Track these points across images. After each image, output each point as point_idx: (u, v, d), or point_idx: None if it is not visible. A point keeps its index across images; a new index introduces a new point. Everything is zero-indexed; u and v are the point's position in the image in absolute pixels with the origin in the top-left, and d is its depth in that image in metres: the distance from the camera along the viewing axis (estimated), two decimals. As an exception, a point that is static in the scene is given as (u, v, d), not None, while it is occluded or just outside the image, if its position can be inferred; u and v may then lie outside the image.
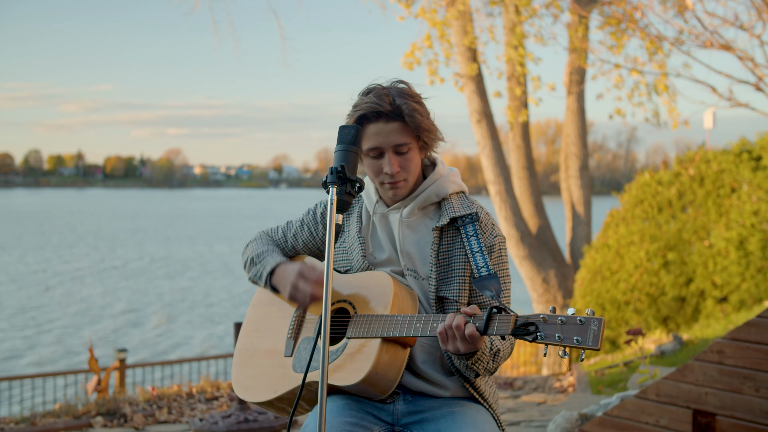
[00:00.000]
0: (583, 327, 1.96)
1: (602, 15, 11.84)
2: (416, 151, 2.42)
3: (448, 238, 2.43)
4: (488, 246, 2.41)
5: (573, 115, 13.35)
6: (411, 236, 2.46)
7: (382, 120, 2.36)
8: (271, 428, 5.70)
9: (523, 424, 5.87)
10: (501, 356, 2.33)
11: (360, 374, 2.27)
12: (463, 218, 2.42)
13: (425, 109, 2.42)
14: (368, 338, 2.31)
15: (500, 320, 2.08)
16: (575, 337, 1.96)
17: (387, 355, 2.29)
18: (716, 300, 10.14)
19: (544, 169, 79.33)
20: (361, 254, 2.49)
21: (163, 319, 23.99)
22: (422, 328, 2.23)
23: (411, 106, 2.36)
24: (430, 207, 2.48)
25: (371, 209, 2.53)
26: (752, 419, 3.44)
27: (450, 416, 2.34)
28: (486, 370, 2.31)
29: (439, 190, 2.46)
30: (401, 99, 2.36)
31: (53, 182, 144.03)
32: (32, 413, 6.33)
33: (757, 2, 8.85)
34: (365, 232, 2.54)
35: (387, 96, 2.37)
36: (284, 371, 2.49)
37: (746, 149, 10.60)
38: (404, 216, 2.46)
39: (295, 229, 2.69)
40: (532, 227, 12.90)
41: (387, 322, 2.29)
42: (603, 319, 1.97)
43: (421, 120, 2.37)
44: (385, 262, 2.48)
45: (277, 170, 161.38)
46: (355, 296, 2.43)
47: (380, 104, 2.35)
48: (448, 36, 11.92)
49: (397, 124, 2.36)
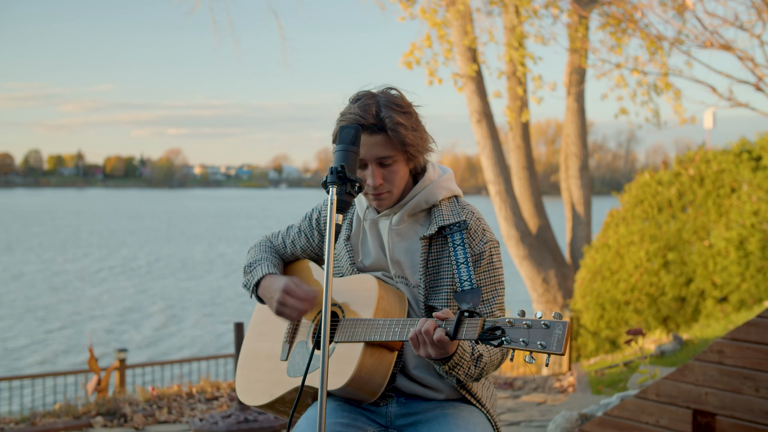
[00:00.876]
0: (548, 331, 1.91)
1: (602, 15, 11.84)
2: (401, 163, 2.38)
3: (437, 246, 2.40)
4: (477, 253, 2.36)
5: (573, 115, 13.36)
6: (400, 244, 2.43)
7: (365, 132, 2.32)
8: (271, 428, 5.70)
9: (523, 424, 5.87)
10: (486, 362, 2.28)
11: (344, 378, 2.28)
12: (451, 227, 2.38)
13: (413, 120, 2.36)
14: (353, 342, 2.31)
15: (469, 324, 2.05)
16: (539, 341, 1.91)
17: (371, 359, 2.28)
18: (716, 300, 10.14)
19: (544, 169, 79.34)
20: (349, 262, 2.48)
21: (163, 319, 24.00)
22: (400, 332, 2.22)
23: (395, 120, 2.31)
24: (420, 214, 2.45)
25: (362, 215, 2.51)
26: (752, 419, 3.44)
27: (443, 418, 2.33)
28: (468, 376, 2.27)
29: (429, 197, 2.42)
30: (387, 111, 2.32)
31: (53, 182, 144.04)
32: (32, 413, 6.32)
33: (757, 2, 8.85)
34: (355, 238, 2.52)
35: (373, 106, 2.33)
36: (279, 375, 2.52)
37: (746, 149, 10.61)
38: (393, 224, 2.44)
39: (293, 235, 2.70)
40: (532, 227, 12.90)
41: (370, 326, 2.28)
42: (568, 323, 1.91)
43: (405, 134, 2.31)
44: (375, 268, 2.47)
45: (277, 170, 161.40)
46: (344, 300, 2.43)
47: (363, 117, 2.31)
48: (448, 36, 11.92)
49: (381, 136, 2.32)
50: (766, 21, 8.85)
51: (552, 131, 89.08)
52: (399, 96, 2.38)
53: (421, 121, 2.41)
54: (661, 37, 10.63)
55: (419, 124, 2.39)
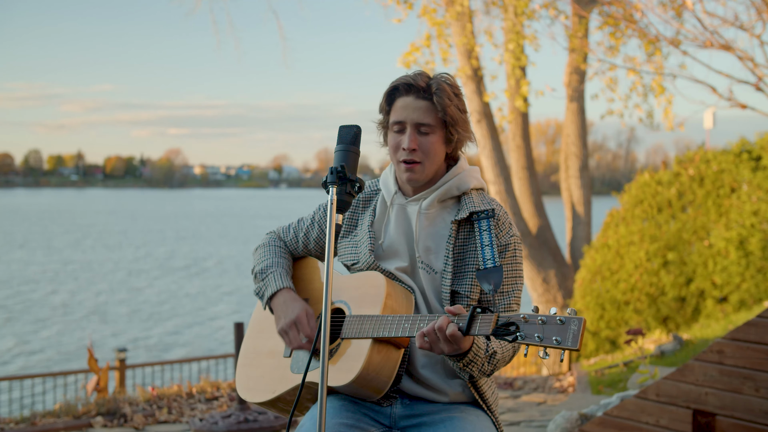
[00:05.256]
0: (563, 327, 1.91)
1: (602, 15, 11.85)
2: (439, 138, 2.39)
3: (464, 232, 2.40)
4: (503, 244, 2.38)
5: (573, 115, 13.36)
6: (429, 228, 2.43)
7: (412, 95, 2.36)
8: (271, 428, 5.70)
9: (523, 424, 5.87)
10: (499, 358, 2.28)
11: (351, 374, 2.27)
12: (479, 213, 2.39)
13: (461, 103, 2.40)
14: (360, 339, 2.30)
15: (482, 320, 2.05)
16: (554, 337, 1.91)
17: (379, 355, 2.28)
18: (716, 300, 10.14)
19: (544, 169, 79.28)
20: (369, 248, 2.45)
21: (163, 319, 24.00)
22: (409, 328, 2.21)
23: (444, 91, 2.34)
24: (449, 200, 2.45)
25: (389, 200, 2.49)
26: (752, 419, 3.44)
27: (449, 422, 2.31)
28: (481, 372, 2.27)
29: (461, 184, 2.43)
30: (438, 83, 2.36)
31: (53, 182, 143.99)
32: (32, 413, 6.32)
33: (757, 2, 8.85)
34: (378, 225, 2.50)
35: (426, 77, 2.38)
36: (282, 372, 2.51)
37: (746, 149, 10.61)
38: (423, 208, 2.43)
39: (307, 227, 2.66)
40: (532, 227, 12.90)
41: (378, 323, 2.28)
42: (583, 319, 1.91)
43: (448, 105, 2.34)
44: (393, 255, 2.45)
45: (277, 170, 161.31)
46: (351, 297, 2.42)
47: (414, 80, 2.36)
48: (447, 36, 11.92)
49: (426, 103, 2.36)
50: (766, 21, 8.85)
51: (552, 131, 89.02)
52: (453, 80, 2.42)
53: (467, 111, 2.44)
54: (660, 37, 10.63)
55: (467, 111, 2.43)
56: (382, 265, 2.43)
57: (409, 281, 2.42)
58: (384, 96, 2.44)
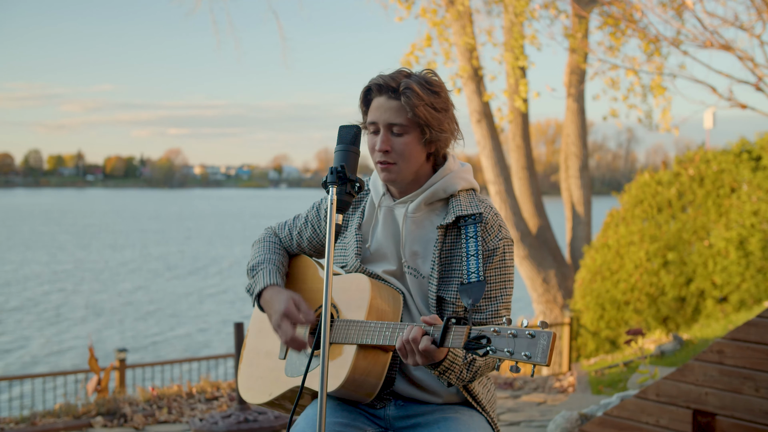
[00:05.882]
0: (533, 341, 1.90)
1: (602, 15, 11.85)
2: (413, 139, 2.32)
3: (451, 236, 2.36)
4: (491, 249, 2.32)
5: (573, 115, 13.36)
6: (415, 232, 2.39)
7: (384, 95, 2.31)
8: (271, 428, 5.70)
9: (523, 424, 5.87)
10: (479, 365, 2.25)
11: (338, 381, 2.27)
12: (466, 218, 2.34)
13: (440, 102, 2.31)
14: (345, 344, 2.29)
15: (455, 332, 2.03)
16: (524, 352, 1.90)
17: (365, 360, 2.27)
18: (716, 300, 10.15)
19: (544, 169, 79.29)
20: (355, 252, 2.43)
21: (163, 319, 24.00)
22: (390, 336, 2.20)
23: (413, 90, 2.27)
24: (437, 203, 2.41)
25: (377, 201, 2.46)
26: (752, 419, 3.44)
27: (444, 422, 2.31)
28: (459, 379, 2.24)
29: (447, 186, 2.38)
30: (407, 84, 2.29)
31: (53, 182, 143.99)
32: (32, 413, 6.32)
33: (757, 2, 8.84)
34: (366, 227, 2.47)
35: (404, 77, 2.32)
36: (277, 374, 2.51)
37: (746, 149, 10.61)
38: (410, 211, 2.39)
39: (300, 226, 2.64)
40: (532, 227, 12.90)
41: (362, 329, 2.26)
42: (553, 333, 1.89)
43: (417, 105, 2.26)
44: (381, 258, 2.42)
45: (277, 170, 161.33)
46: (339, 299, 2.41)
47: (384, 80, 2.31)
48: (448, 36, 11.92)
49: (396, 103, 2.30)
50: (766, 21, 8.85)
51: (552, 131, 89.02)
52: (434, 77, 2.35)
53: (451, 108, 2.37)
54: (660, 37, 10.63)
55: (447, 109, 2.35)
56: (370, 268, 2.41)
57: (398, 284, 2.40)
58: (360, 97, 2.40)
